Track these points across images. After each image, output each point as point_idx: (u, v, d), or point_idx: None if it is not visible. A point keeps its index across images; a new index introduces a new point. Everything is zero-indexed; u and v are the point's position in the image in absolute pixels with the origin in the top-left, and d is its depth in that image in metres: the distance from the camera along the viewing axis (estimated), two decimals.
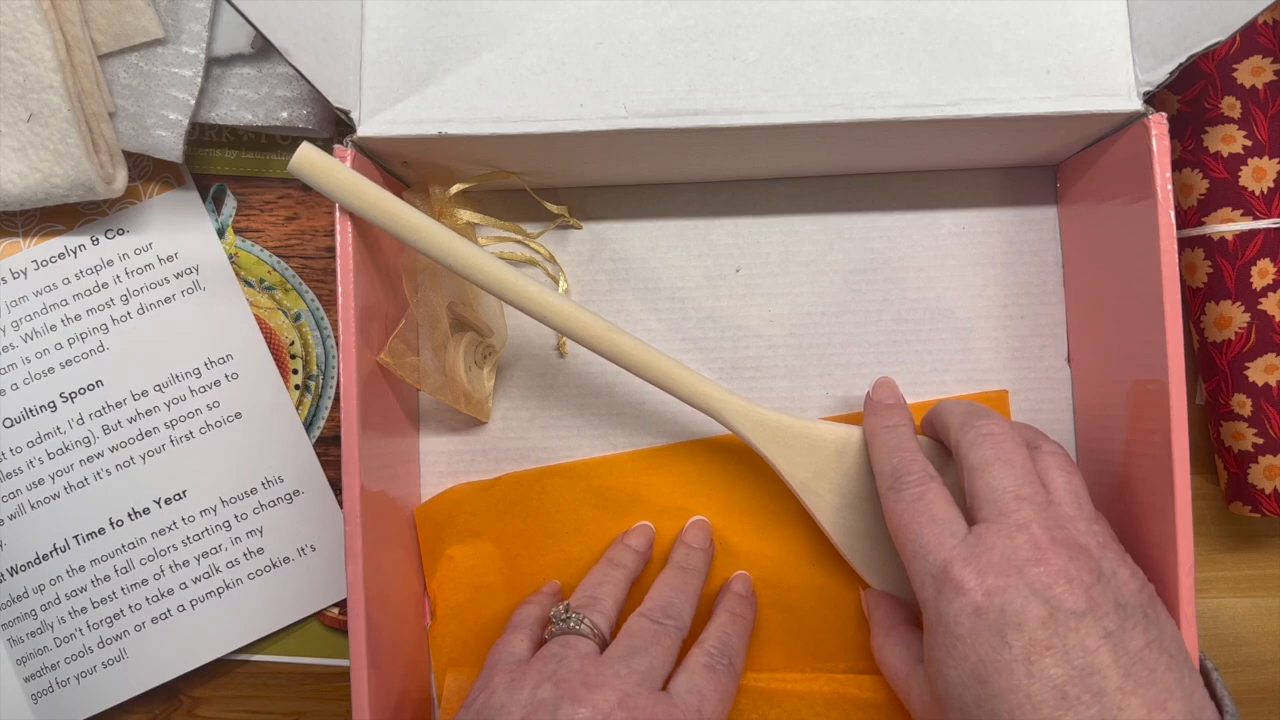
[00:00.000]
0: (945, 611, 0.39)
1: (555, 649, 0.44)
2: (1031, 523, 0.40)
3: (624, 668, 0.43)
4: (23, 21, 0.48)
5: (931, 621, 0.40)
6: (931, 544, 0.41)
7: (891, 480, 0.44)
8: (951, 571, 0.39)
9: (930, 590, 0.40)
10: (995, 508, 0.41)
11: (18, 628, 0.55)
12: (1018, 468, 0.42)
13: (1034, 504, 0.40)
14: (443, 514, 0.53)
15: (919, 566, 0.41)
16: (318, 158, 0.43)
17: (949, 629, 0.39)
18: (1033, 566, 0.39)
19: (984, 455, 0.42)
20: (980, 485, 0.41)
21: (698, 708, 0.43)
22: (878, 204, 0.54)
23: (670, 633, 0.46)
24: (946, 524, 0.41)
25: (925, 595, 0.40)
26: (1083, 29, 0.44)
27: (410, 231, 0.43)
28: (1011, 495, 0.41)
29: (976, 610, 0.38)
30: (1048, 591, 0.38)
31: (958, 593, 0.39)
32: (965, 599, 0.39)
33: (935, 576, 0.40)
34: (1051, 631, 0.37)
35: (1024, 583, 0.38)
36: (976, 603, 0.38)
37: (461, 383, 0.50)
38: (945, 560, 0.40)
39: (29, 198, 0.50)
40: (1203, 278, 0.51)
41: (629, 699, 0.41)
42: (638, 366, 0.46)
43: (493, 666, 0.45)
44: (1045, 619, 0.38)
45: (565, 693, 0.41)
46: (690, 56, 0.45)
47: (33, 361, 0.55)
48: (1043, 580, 0.38)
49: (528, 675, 0.43)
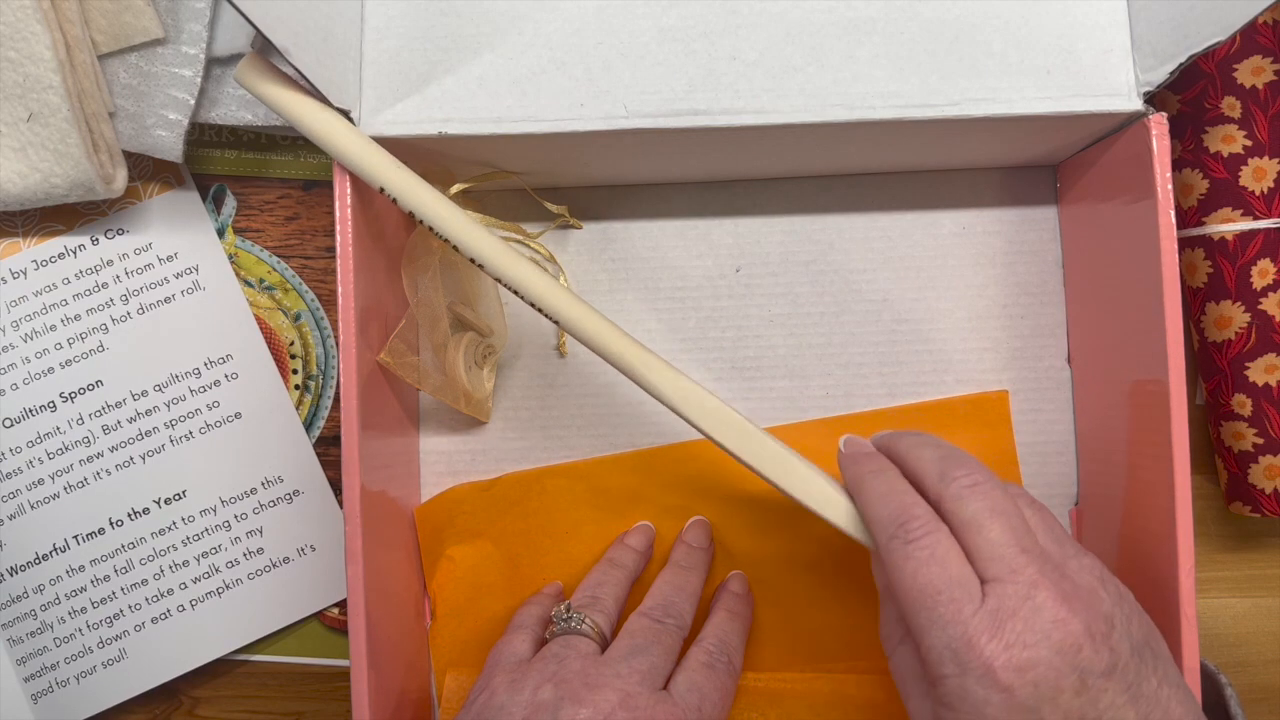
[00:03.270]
0: (971, 691, 0.36)
1: (556, 649, 0.44)
2: (1041, 580, 0.37)
3: (625, 667, 0.43)
4: (23, 21, 0.48)
5: (951, 697, 0.37)
6: (950, 614, 0.37)
7: (894, 529, 0.39)
8: (978, 647, 0.36)
9: (951, 667, 0.36)
10: (1004, 565, 0.38)
11: (17, 628, 0.55)
12: (1012, 518, 0.39)
13: (1037, 557, 0.38)
14: (443, 514, 0.53)
15: (936, 638, 0.37)
16: (266, 69, 0.42)
17: (976, 710, 0.36)
18: (1057, 631, 0.36)
19: (976, 510, 0.39)
20: (980, 541, 0.38)
21: (698, 706, 0.43)
22: (878, 204, 0.54)
23: (671, 632, 0.46)
24: (963, 586, 0.37)
25: (944, 671, 0.37)
26: (1083, 29, 0.44)
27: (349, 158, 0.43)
28: (1016, 550, 0.38)
29: (1007, 689, 0.35)
30: (1076, 657, 0.36)
31: (986, 672, 0.36)
32: (996, 678, 0.35)
33: (957, 652, 0.36)
34: (1085, 700, 0.35)
35: (1053, 652, 0.36)
36: (1008, 682, 0.35)
37: (462, 382, 0.50)
38: (968, 635, 0.36)
39: (29, 198, 0.50)
40: (1203, 278, 0.51)
41: (630, 699, 0.41)
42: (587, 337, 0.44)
43: (493, 666, 0.45)
44: (1078, 688, 0.35)
45: (566, 693, 0.41)
46: (690, 56, 0.45)
47: (33, 361, 0.55)
48: (1069, 645, 0.36)
49: (528, 675, 0.43)
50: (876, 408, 0.53)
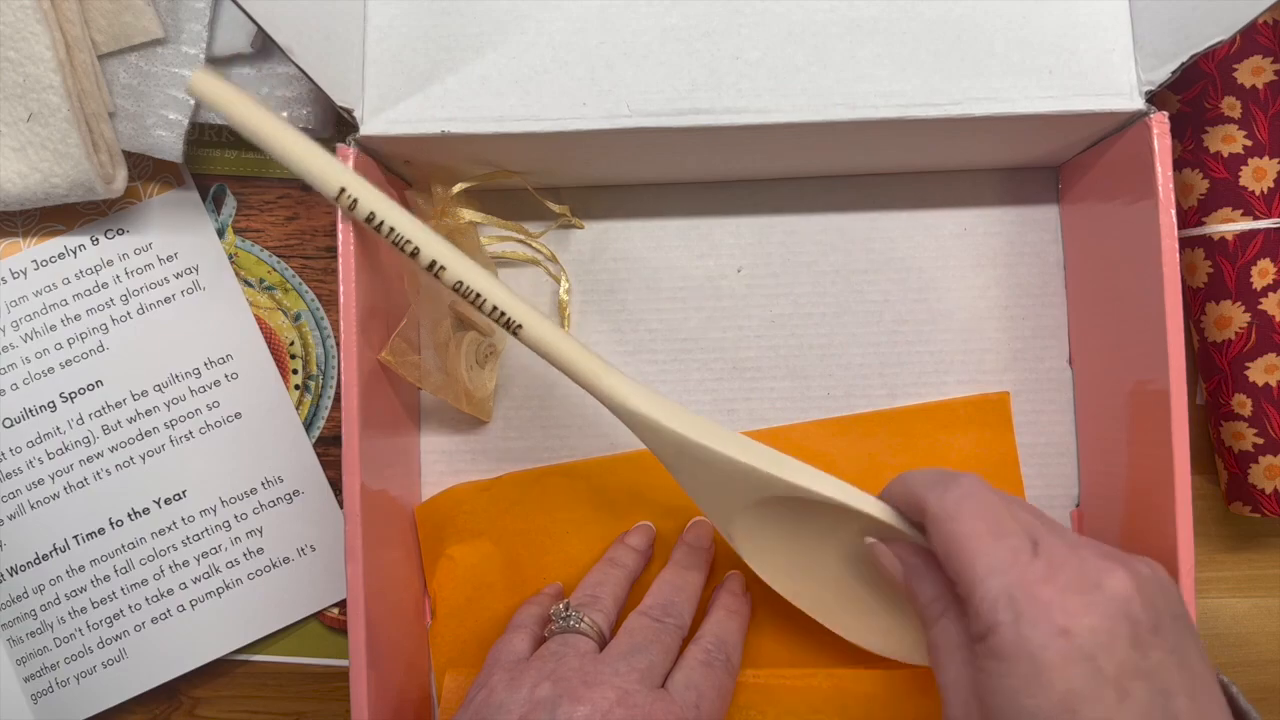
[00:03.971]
0: (1029, 637, 0.35)
1: (555, 647, 0.44)
2: (1080, 541, 0.37)
3: (624, 665, 0.43)
4: (22, 21, 0.48)
5: (1005, 647, 0.35)
6: (1007, 560, 0.36)
7: (943, 485, 0.39)
8: (1036, 591, 0.35)
9: (1006, 614, 0.35)
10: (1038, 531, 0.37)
11: (17, 628, 0.55)
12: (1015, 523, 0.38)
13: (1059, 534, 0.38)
14: (443, 513, 0.53)
15: (992, 585, 0.36)
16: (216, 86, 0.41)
17: (1033, 657, 0.34)
18: (1107, 579, 0.35)
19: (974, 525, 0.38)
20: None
21: (696, 704, 0.43)
22: (879, 204, 0.54)
23: (670, 631, 0.46)
24: (1017, 535, 0.37)
25: (999, 619, 0.35)
26: (1085, 29, 0.44)
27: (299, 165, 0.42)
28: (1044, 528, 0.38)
29: (1066, 633, 0.34)
30: (1127, 605, 0.35)
31: (1045, 615, 0.35)
32: (1054, 621, 0.34)
33: (1014, 598, 0.35)
34: (1139, 654, 0.34)
35: (1106, 598, 0.35)
36: (1065, 625, 0.34)
37: (463, 382, 0.50)
38: (1026, 579, 0.35)
39: (29, 197, 0.50)
40: (1203, 278, 0.51)
41: (628, 697, 0.41)
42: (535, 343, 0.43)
43: (492, 664, 0.45)
44: (1132, 639, 0.35)
45: (564, 691, 0.41)
46: (693, 56, 0.45)
47: (32, 361, 0.55)
48: (1120, 593, 0.35)
49: (526, 673, 0.43)
50: (877, 408, 0.53)
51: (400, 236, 0.42)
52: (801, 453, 0.44)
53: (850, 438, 0.53)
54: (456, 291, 0.42)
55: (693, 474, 0.45)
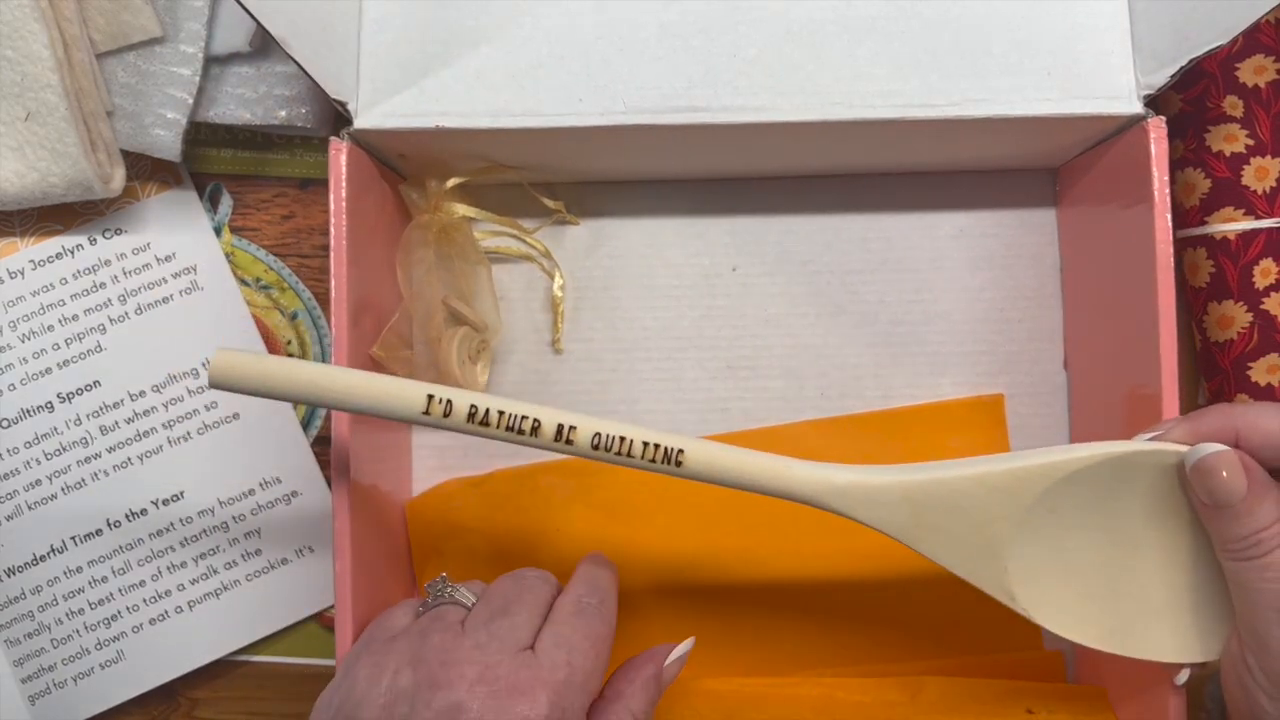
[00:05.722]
0: None
1: (425, 623, 0.41)
2: None
3: (484, 635, 0.40)
4: (20, 20, 0.48)
5: None
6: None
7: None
8: None
9: None
10: None
11: (14, 629, 0.55)
12: None
13: None
14: (434, 509, 0.53)
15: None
16: (237, 359, 0.39)
17: None
18: None
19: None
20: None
21: (566, 662, 0.39)
22: (876, 205, 0.54)
23: (533, 584, 0.43)
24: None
25: None
26: (1084, 31, 0.44)
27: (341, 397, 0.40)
28: None
29: None
30: None
31: None
32: None
33: None
34: None
35: None
36: None
37: (455, 377, 0.50)
38: None
39: (26, 197, 0.51)
40: (1205, 277, 0.51)
41: (488, 670, 0.38)
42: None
43: (366, 641, 0.43)
44: None
45: (422, 677, 0.38)
46: (690, 53, 0.45)
47: (30, 362, 0.55)
48: None
49: (389, 658, 0.40)
50: (872, 409, 0.53)
51: (513, 417, 0.40)
52: (795, 453, 0.43)
53: (844, 438, 0.53)
54: (595, 448, 0.40)
55: (935, 528, 0.40)
